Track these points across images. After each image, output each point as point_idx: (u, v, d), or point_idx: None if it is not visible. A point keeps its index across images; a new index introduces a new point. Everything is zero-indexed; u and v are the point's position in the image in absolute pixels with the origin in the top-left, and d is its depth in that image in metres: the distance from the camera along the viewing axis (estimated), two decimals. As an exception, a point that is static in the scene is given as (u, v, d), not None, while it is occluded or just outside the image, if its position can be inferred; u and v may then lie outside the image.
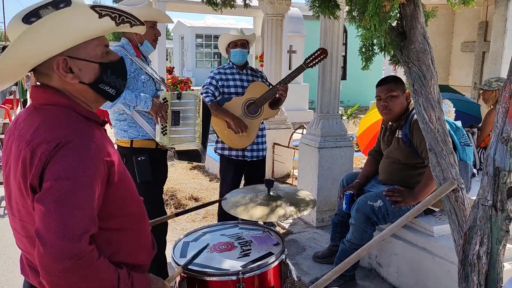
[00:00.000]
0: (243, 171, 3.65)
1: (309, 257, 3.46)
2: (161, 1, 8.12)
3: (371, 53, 2.21)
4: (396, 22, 2.13)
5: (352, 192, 3.07)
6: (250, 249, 1.95)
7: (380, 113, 3.06)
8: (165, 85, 2.92)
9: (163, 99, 2.68)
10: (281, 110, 5.88)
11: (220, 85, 3.48)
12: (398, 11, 2.07)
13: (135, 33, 2.64)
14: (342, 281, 2.90)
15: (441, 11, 6.30)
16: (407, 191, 2.86)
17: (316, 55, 3.52)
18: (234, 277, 1.73)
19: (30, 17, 1.16)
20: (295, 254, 3.53)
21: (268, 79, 5.33)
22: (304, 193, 2.26)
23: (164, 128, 2.64)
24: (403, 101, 2.95)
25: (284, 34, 6.24)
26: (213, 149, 3.69)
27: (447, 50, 7.14)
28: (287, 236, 3.89)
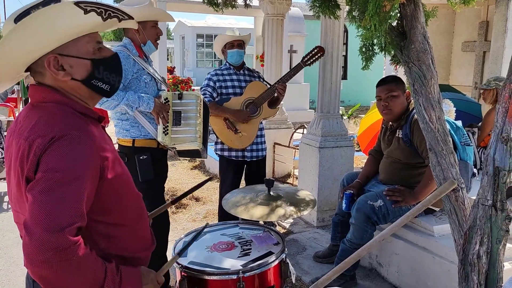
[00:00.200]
0: (243, 171, 3.65)
1: (310, 257, 3.47)
2: (162, 1, 8.13)
3: (372, 53, 2.21)
4: (396, 22, 2.13)
5: (353, 192, 3.07)
6: (251, 249, 1.96)
7: (381, 113, 3.06)
8: (166, 85, 2.92)
9: (165, 99, 2.69)
10: (282, 110, 5.88)
11: (218, 86, 3.46)
12: (398, 11, 2.08)
13: (138, 33, 2.65)
14: (343, 281, 2.90)
15: (442, 11, 6.30)
16: (408, 191, 2.86)
17: (314, 53, 3.53)
18: (235, 276, 1.73)
19: (22, 17, 1.17)
20: (296, 254, 3.53)
21: (269, 79, 5.37)
22: (305, 193, 2.26)
23: (166, 128, 2.64)
24: (404, 101, 2.95)
25: (285, 34, 6.24)
26: (213, 150, 3.68)
27: (448, 50, 7.14)
28: (288, 236, 3.90)
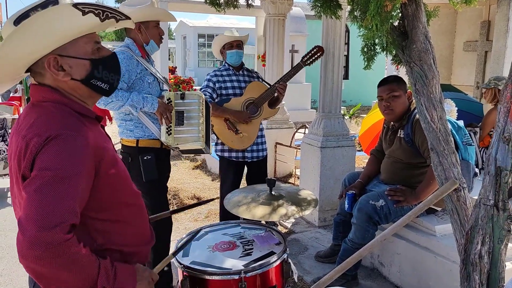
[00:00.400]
0: (243, 172, 3.65)
1: (311, 257, 3.47)
2: (164, 1, 8.12)
3: (373, 53, 2.21)
4: (398, 22, 2.13)
5: (354, 192, 3.07)
6: (252, 249, 1.96)
7: (382, 113, 3.06)
8: (168, 85, 2.93)
9: (168, 100, 2.69)
10: (283, 110, 5.87)
11: (218, 87, 3.45)
12: (400, 11, 2.08)
13: (140, 33, 2.65)
14: (344, 281, 2.90)
15: (443, 11, 6.28)
16: (409, 191, 2.86)
17: (313, 53, 3.53)
18: (236, 276, 1.73)
19: (21, 20, 1.19)
20: (297, 254, 3.53)
21: (271, 79, 5.37)
22: (306, 193, 2.26)
23: (169, 128, 2.65)
24: (405, 101, 2.95)
25: (286, 34, 6.22)
26: (213, 151, 3.67)
27: (450, 50, 7.12)
28: (289, 236, 3.90)
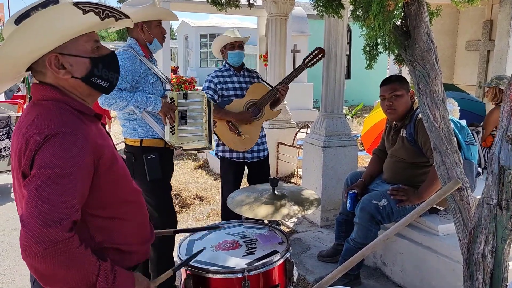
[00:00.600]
0: (244, 172, 3.64)
1: (314, 256, 3.47)
2: (166, 1, 8.15)
3: (375, 52, 2.22)
4: (400, 21, 2.13)
5: (357, 191, 3.07)
6: (255, 248, 1.96)
7: (385, 113, 3.06)
8: (171, 85, 2.93)
9: (171, 99, 2.70)
10: (285, 109, 5.87)
11: (219, 88, 3.44)
12: (402, 10, 2.07)
13: (142, 32, 2.65)
14: (347, 280, 2.91)
15: (446, 10, 6.28)
16: (412, 190, 2.86)
17: (314, 55, 3.53)
18: (240, 275, 1.74)
19: (22, 19, 1.21)
20: (300, 253, 3.54)
21: (273, 78, 5.38)
22: (309, 192, 2.26)
23: (173, 128, 2.66)
24: (408, 100, 2.95)
25: (288, 34, 6.23)
26: (214, 152, 3.66)
27: (452, 49, 7.12)
28: (292, 235, 3.90)
